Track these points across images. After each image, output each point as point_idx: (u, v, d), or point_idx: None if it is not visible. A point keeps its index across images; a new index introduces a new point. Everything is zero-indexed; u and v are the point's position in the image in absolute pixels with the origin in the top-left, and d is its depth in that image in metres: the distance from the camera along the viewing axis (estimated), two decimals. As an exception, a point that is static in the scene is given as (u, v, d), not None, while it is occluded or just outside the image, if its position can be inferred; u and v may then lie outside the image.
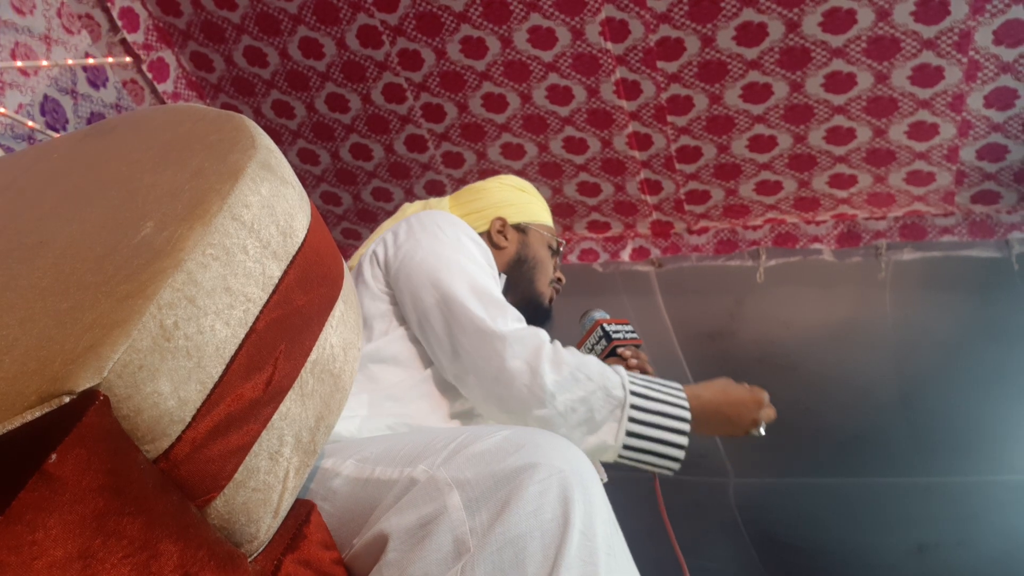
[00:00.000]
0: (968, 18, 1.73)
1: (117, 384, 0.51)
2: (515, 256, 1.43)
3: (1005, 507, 2.95)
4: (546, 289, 1.45)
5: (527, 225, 1.46)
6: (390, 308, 1.21)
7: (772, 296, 2.45)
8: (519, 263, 1.42)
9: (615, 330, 1.35)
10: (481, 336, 1.08)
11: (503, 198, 1.48)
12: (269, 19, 2.08)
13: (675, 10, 1.86)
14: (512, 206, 1.47)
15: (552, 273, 1.47)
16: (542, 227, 1.48)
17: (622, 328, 1.37)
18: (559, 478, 0.70)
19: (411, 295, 1.16)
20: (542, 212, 1.50)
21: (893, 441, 2.83)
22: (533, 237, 1.46)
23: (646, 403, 1.08)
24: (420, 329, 1.15)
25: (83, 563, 0.49)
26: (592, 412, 1.05)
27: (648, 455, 1.08)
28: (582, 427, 1.06)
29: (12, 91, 1.78)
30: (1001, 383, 2.55)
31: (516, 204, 1.48)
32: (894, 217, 2.20)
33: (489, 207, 1.47)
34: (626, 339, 1.35)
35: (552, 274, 1.47)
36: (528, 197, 1.50)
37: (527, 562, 0.66)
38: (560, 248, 1.51)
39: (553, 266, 1.48)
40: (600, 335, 1.35)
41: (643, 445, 1.07)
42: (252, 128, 0.74)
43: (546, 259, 1.46)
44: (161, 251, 0.58)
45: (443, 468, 0.74)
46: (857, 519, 3.20)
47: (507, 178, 1.53)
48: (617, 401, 1.06)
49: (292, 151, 2.43)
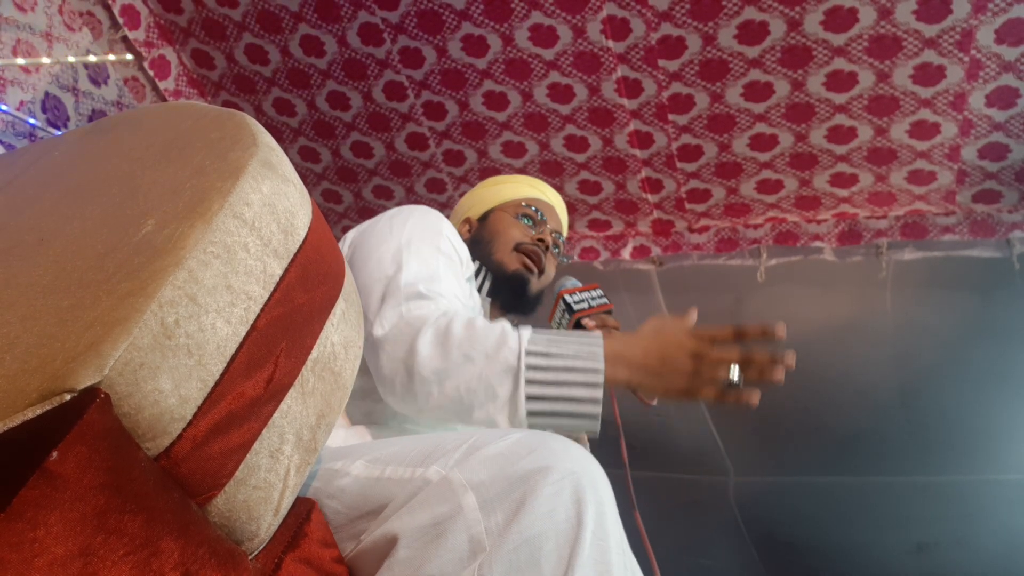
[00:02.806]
0: (970, 17, 1.73)
1: (118, 382, 0.51)
2: (470, 241, 1.44)
3: (1005, 506, 2.95)
4: (507, 256, 1.40)
5: (490, 210, 1.47)
6: None
7: (773, 295, 2.45)
8: (474, 246, 1.41)
9: (577, 300, 1.30)
10: (367, 348, 1.03)
11: (471, 201, 1.51)
12: (270, 16, 2.08)
13: (676, 8, 1.86)
14: (479, 203, 1.49)
15: (521, 238, 1.42)
16: (509, 203, 1.46)
17: (587, 296, 1.31)
18: (572, 480, 0.71)
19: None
20: (512, 191, 1.48)
21: (893, 440, 2.83)
22: (493, 217, 1.45)
23: (545, 361, 0.99)
24: None
25: (84, 560, 0.49)
26: (492, 386, 0.98)
27: (557, 417, 0.99)
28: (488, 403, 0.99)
29: (13, 88, 1.78)
30: (1001, 382, 2.55)
31: (482, 199, 1.50)
32: (895, 216, 2.19)
33: (461, 215, 1.52)
34: (592, 307, 1.29)
35: (521, 239, 1.41)
36: (497, 187, 1.50)
37: (543, 562, 0.68)
38: (532, 210, 1.45)
39: (525, 231, 1.43)
40: (563, 308, 1.30)
41: (547, 408, 0.98)
42: (253, 126, 0.74)
43: (505, 229, 1.42)
44: (162, 249, 0.58)
45: (457, 469, 0.75)
46: (857, 518, 3.20)
47: (486, 180, 1.56)
48: (511, 369, 0.98)
49: (293, 149, 2.43)
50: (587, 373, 0.99)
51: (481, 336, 1.00)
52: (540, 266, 1.41)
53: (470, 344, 1.00)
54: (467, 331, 1.01)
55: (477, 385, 0.98)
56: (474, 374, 0.98)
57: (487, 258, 1.40)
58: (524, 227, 1.44)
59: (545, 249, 1.43)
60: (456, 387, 0.99)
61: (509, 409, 0.98)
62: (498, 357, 0.99)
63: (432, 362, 0.99)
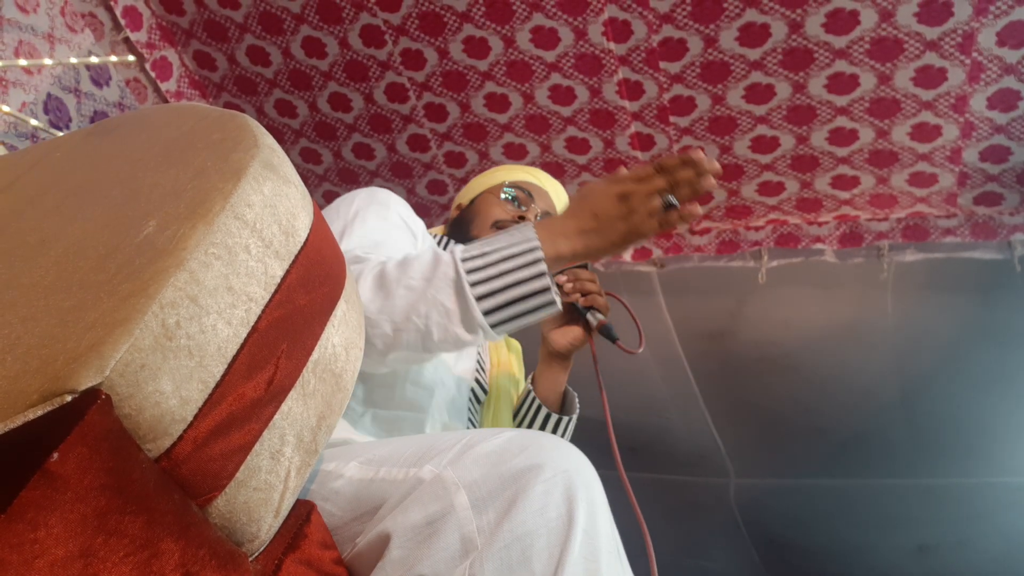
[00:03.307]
0: (971, 19, 1.73)
1: (119, 383, 0.51)
2: (452, 222, 1.48)
3: (1006, 508, 2.95)
4: (486, 232, 1.36)
5: (478, 195, 1.47)
6: None
7: (774, 296, 2.45)
8: (456, 225, 1.44)
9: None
10: None
11: (466, 189, 1.53)
12: (272, 18, 2.08)
13: (678, 11, 1.86)
14: (469, 190, 1.51)
15: (501, 215, 1.39)
16: (495, 187, 1.45)
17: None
18: (563, 478, 0.72)
19: None
20: (502, 175, 1.48)
21: (894, 442, 2.83)
22: (479, 200, 1.45)
23: (482, 260, 0.98)
24: None
25: (84, 561, 0.49)
26: (440, 302, 0.96)
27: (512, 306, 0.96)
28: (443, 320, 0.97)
29: (16, 89, 1.78)
30: (1002, 384, 2.54)
31: (474, 186, 1.51)
32: (896, 218, 2.19)
33: (454, 205, 1.55)
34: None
35: (501, 216, 1.39)
36: (485, 177, 1.51)
37: (534, 559, 0.68)
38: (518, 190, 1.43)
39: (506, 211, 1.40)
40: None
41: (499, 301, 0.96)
42: (255, 127, 0.74)
43: (488, 209, 1.40)
44: (163, 250, 0.58)
45: (450, 468, 0.75)
46: (858, 519, 3.20)
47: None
48: (451, 279, 0.97)
49: (295, 150, 2.43)
50: (525, 255, 0.97)
51: (415, 264, 0.99)
52: None
53: (407, 275, 0.98)
54: (401, 266, 1.00)
55: (426, 308, 0.96)
56: (419, 298, 0.97)
57: (465, 236, 1.38)
58: (506, 205, 1.41)
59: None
60: (407, 318, 0.97)
61: (463, 317, 0.96)
62: (436, 275, 0.97)
63: (374, 303, 0.97)
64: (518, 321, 0.97)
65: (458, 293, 0.96)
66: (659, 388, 2.87)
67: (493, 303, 0.96)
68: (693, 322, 2.64)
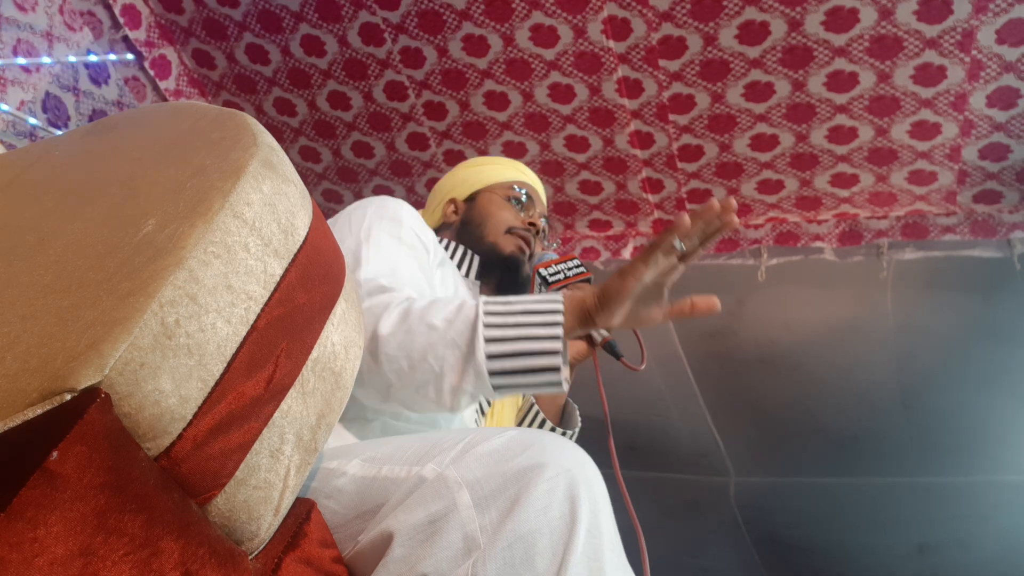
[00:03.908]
0: (971, 17, 1.73)
1: (118, 382, 0.51)
2: (459, 224, 1.41)
3: (1005, 507, 2.95)
4: (501, 239, 1.37)
5: (477, 191, 1.43)
6: None
7: (773, 295, 2.45)
8: (464, 227, 1.39)
9: (553, 272, 1.27)
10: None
11: (453, 182, 1.47)
12: (271, 16, 2.08)
13: (677, 8, 1.86)
14: (462, 183, 1.45)
15: (513, 221, 1.39)
16: (497, 184, 1.43)
17: (563, 267, 1.29)
18: (566, 477, 0.71)
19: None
20: (498, 173, 1.45)
21: (894, 441, 2.83)
22: (482, 198, 1.42)
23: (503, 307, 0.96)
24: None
25: (84, 560, 0.49)
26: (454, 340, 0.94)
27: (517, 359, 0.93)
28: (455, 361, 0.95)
29: (14, 88, 1.78)
30: (1002, 383, 2.54)
31: (467, 180, 1.46)
32: (896, 216, 2.19)
33: (442, 196, 1.47)
34: (569, 278, 1.27)
35: (513, 222, 1.38)
36: (481, 168, 1.47)
37: (537, 558, 0.67)
38: (523, 193, 1.43)
39: (516, 214, 1.40)
40: (539, 283, 1.28)
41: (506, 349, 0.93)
42: (254, 126, 0.74)
43: (497, 212, 1.39)
44: (163, 249, 0.58)
45: (452, 467, 0.74)
46: (858, 519, 3.20)
47: (465, 161, 1.52)
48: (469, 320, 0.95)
49: (294, 149, 2.43)
50: (546, 315, 0.95)
51: (441, 305, 0.98)
52: (532, 250, 1.40)
53: (431, 314, 0.97)
54: (428, 305, 0.99)
55: (443, 349, 0.94)
56: (439, 338, 0.95)
57: (478, 241, 1.37)
58: (514, 210, 1.41)
59: (536, 234, 1.41)
60: (424, 356, 0.95)
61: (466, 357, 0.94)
62: (459, 316, 0.96)
63: (395, 338, 0.96)
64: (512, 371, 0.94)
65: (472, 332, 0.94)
66: (659, 387, 2.87)
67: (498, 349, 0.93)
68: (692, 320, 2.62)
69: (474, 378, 0.94)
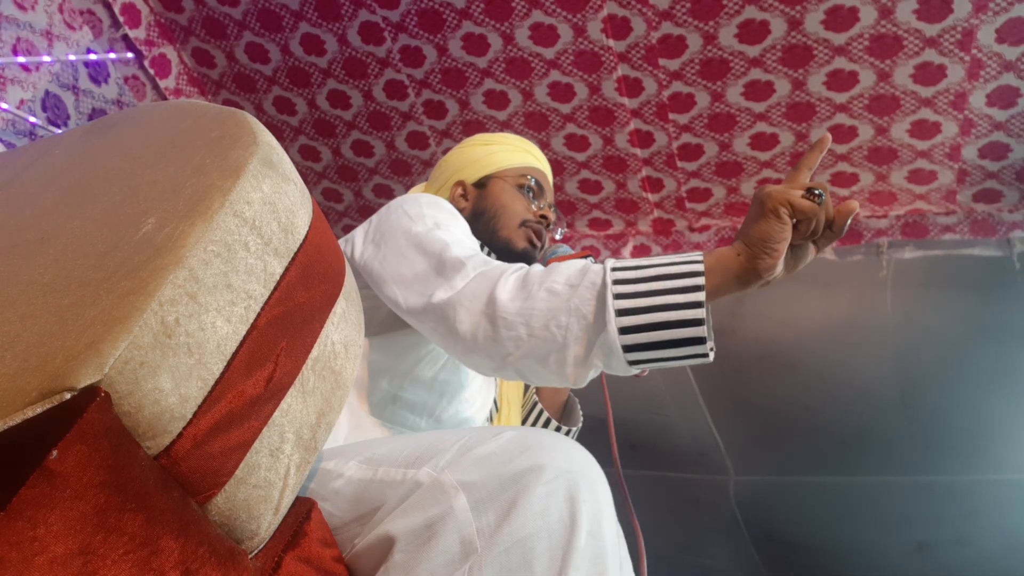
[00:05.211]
0: (971, 16, 1.73)
1: (118, 381, 0.51)
2: (471, 213, 1.34)
3: (1005, 506, 2.95)
4: (515, 233, 1.31)
5: (488, 177, 1.35)
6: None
7: (773, 294, 2.45)
8: (476, 218, 1.32)
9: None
10: (432, 319, 0.97)
11: (463, 160, 1.39)
12: (271, 15, 2.08)
13: (677, 7, 1.86)
14: (472, 164, 1.37)
15: (526, 214, 1.33)
16: (507, 171, 1.36)
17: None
18: (566, 479, 0.70)
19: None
20: (510, 157, 1.37)
21: (893, 439, 2.83)
22: (494, 186, 1.35)
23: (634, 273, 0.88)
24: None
25: (84, 559, 0.49)
26: (579, 309, 0.88)
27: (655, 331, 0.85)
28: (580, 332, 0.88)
29: (14, 87, 1.78)
30: (1002, 382, 2.54)
31: (477, 161, 1.38)
32: (896, 215, 2.19)
33: (450, 175, 1.39)
34: None
35: (526, 215, 1.33)
36: (492, 148, 1.39)
37: (535, 563, 0.66)
38: (534, 181, 1.36)
39: (528, 205, 1.34)
40: None
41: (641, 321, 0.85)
42: (254, 124, 0.73)
43: (510, 202, 1.33)
44: (163, 248, 0.58)
45: (448, 470, 0.73)
46: (857, 517, 3.20)
47: (474, 137, 1.44)
48: (595, 285, 0.88)
49: (294, 147, 2.43)
50: (685, 278, 0.85)
51: (563, 269, 0.91)
52: (543, 243, 1.36)
53: (552, 278, 0.90)
54: (547, 271, 0.92)
55: (566, 318, 0.87)
56: (561, 305, 0.88)
57: (492, 234, 1.32)
58: (526, 200, 1.35)
59: (547, 226, 1.37)
60: (545, 324, 0.88)
61: (593, 328, 0.86)
62: (584, 280, 0.88)
63: (514, 303, 0.90)
64: (652, 344, 0.86)
65: (599, 301, 0.87)
66: (658, 385, 2.87)
67: (632, 321, 0.85)
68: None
69: (604, 354, 0.87)
